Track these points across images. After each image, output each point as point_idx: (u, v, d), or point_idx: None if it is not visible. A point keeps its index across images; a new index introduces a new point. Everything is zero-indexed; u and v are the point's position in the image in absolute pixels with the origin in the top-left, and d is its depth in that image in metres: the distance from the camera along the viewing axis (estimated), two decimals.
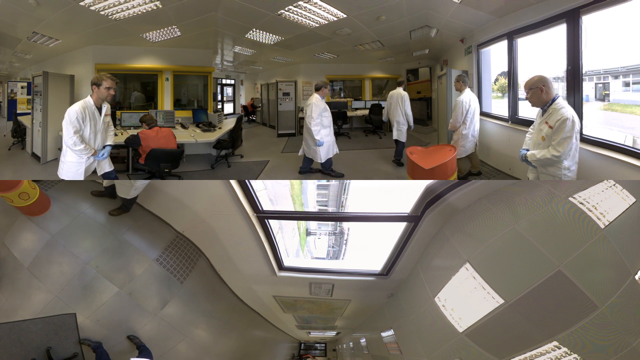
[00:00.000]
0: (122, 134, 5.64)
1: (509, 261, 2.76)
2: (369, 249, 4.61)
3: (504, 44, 5.15)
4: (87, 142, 3.31)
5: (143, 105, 7.22)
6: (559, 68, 4.00)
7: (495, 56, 5.81)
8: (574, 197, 2.61)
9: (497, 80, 5.96)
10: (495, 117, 5.58)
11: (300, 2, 4.86)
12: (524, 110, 4.94)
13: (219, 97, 13.28)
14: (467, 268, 2.94)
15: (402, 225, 3.62)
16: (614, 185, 2.67)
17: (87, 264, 3.46)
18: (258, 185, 3.70)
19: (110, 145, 3.52)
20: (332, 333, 8.23)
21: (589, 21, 3.57)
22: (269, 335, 6.37)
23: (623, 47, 3.48)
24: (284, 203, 4.89)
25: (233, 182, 3.43)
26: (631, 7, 3.16)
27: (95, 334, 3.34)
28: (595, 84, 3.80)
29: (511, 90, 5.10)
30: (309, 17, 5.46)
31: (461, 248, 3.06)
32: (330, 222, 5.59)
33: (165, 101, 7.25)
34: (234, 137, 6.18)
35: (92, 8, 4.66)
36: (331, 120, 5.42)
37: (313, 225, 5.71)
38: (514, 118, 5.08)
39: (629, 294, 2.45)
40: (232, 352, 4.50)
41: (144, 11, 4.90)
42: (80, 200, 3.77)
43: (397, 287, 4.26)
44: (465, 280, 2.95)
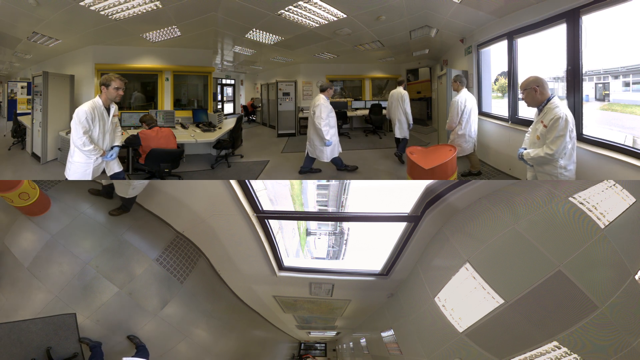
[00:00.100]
0: (122, 134, 5.62)
1: (509, 261, 2.76)
2: (369, 249, 4.62)
3: (504, 44, 5.15)
4: (96, 142, 3.32)
5: (143, 105, 7.21)
6: (559, 68, 4.00)
7: (495, 56, 5.81)
8: (574, 197, 2.61)
9: (497, 80, 5.95)
10: (495, 117, 5.59)
11: (300, 2, 4.86)
12: (523, 110, 4.94)
13: (219, 97, 13.26)
14: (467, 268, 2.94)
15: (402, 225, 3.62)
16: (614, 185, 2.67)
17: (87, 264, 3.46)
18: (258, 185, 3.70)
19: (118, 146, 3.53)
20: (332, 333, 8.23)
21: (589, 21, 3.57)
22: (269, 335, 6.37)
23: (623, 47, 3.47)
24: (284, 203, 4.90)
25: (233, 182, 3.42)
26: (631, 7, 3.16)
27: (95, 334, 3.34)
28: (595, 84, 3.80)
29: (511, 90, 5.10)
30: (309, 17, 5.46)
31: (461, 248, 3.06)
32: (330, 222, 5.60)
33: (165, 101, 7.24)
34: (234, 137, 6.18)
35: (92, 8, 4.66)
36: (336, 120, 5.54)
37: (313, 225, 5.72)
38: (513, 118, 5.08)
39: (629, 294, 2.44)
40: (232, 352, 4.50)
41: (144, 11, 4.90)
42: (80, 200, 3.77)
43: (397, 287, 4.26)
44: (465, 280, 2.95)
